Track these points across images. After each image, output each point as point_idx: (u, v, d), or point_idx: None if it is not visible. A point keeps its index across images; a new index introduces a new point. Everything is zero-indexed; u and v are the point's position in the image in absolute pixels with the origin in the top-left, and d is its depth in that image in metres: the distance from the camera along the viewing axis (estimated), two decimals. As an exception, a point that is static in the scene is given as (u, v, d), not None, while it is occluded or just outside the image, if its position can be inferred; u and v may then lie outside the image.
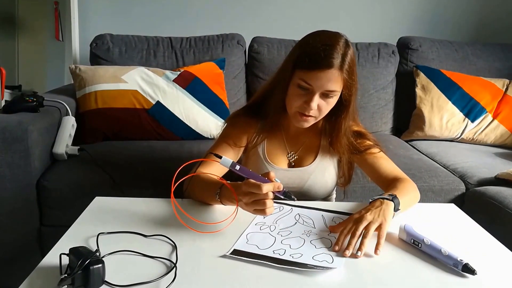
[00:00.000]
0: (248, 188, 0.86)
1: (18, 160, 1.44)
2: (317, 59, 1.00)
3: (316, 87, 1.02)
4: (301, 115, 1.07)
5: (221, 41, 2.17)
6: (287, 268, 0.78)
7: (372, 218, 0.91)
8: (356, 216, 0.93)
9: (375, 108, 2.20)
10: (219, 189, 0.96)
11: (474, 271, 0.79)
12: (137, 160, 1.62)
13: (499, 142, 2.09)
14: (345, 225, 0.92)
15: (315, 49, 1.01)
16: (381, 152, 1.18)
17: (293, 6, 2.54)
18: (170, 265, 0.78)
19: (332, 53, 1.00)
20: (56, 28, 2.55)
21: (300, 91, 1.04)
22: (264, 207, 0.86)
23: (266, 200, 0.86)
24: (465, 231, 1.01)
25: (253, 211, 0.89)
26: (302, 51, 1.04)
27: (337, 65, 1.01)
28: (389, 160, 1.19)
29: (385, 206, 0.95)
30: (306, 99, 1.04)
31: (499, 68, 2.28)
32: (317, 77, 1.01)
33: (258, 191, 0.85)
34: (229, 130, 1.20)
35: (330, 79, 1.01)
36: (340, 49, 1.01)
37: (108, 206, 1.03)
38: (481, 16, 2.63)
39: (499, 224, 1.42)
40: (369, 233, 0.88)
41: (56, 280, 0.70)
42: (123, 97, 1.84)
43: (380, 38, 2.32)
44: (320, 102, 1.04)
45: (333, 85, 1.02)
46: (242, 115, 1.21)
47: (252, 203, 0.87)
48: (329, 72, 1.00)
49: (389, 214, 0.93)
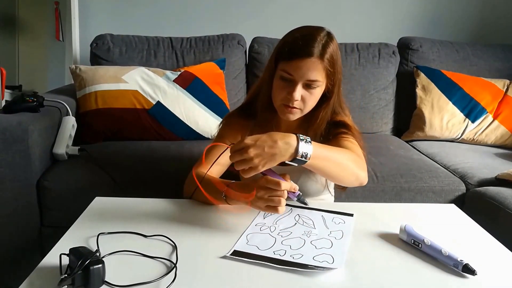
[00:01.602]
0: (266, 183, 0.88)
1: (18, 160, 1.44)
2: (297, 48, 1.01)
3: (297, 77, 1.02)
4: (286, 107, 1.06)
5: (221, 41, 2.17)
6: (288, 269, 0.78)
7: (252, 155, 0.84)
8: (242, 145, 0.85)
9: (375, 109, 2.20)
10: (226, 188, 0.97)
11: (474, 272, 0.79)
12: (138, 160, 1.62)
13: (500, 142, 2.09)
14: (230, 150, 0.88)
15: (295, 39, 1.03)
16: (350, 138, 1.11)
17: (294, 6, 2.54)
18: (170, 265, 0.78)
19: (312, 42, 1.01)
20: (56, 28, 2.55)
21: (283, 83, 1.04)
22: (278, 204, 0.88)
23: (281, 197, 0.88)
24: (466, 231, 1.01)
25: (266, 207, 0.90)
26: (283, 42, 1.06)
27: (317, 53, 1.01)
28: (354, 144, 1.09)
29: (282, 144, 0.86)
30: (289, 90, 1.03)
31: (500, 69, 2.28)
32: (297, 66, 1.01)
33: (277, 187, 0.87)
34: (225, 130, 1.21)
35: (310, 67, 1.01)
36: (320, 40, 1.02)
37: (108, 206, 1.03)
38: (481, 17, 2.62)
39: (499, 225, 1.41)
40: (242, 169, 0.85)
41: (56, 280, 0.70)
42: (124, 97, 1.84)
43: (380, 39, 2.33)
44: (303, 93, 1.04)
45: (314, 74, 1.02)
46: (236, 116, 1.22)
47: (267, 198, 0.89)
48: (309, 61, 1.00)
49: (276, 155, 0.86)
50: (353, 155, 1.02)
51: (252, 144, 0.85)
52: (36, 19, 2.71)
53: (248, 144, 0.85)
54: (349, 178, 1.02)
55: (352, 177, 1.02)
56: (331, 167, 0.96)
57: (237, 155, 0.86)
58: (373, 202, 1.57)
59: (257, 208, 0.93)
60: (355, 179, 1.03)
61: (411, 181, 1.61)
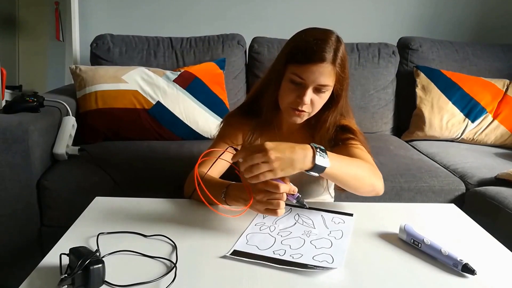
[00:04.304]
0: (265, 187, 0.88)
1: (18, 160, 1.44)
2: (310, 53, 1.00)
3: (309, 81, 1.02)
4: (294, 110, 1.06)
5: (221, 41, 2.17)
6: (288, 269, 0.78)
7: (274, 158, 0.84)
8: (263, 147, 0.85)
9: (375, 109, 2.20)
10: (225, 189, 0.97)
11: (474, 271, 0.79)
12: (138, 160, 1.62)
13: (499, 142, 2.09)
14: (246, 152, 0.87)
15: (307, 43, 1.02)
16: (359, 144, 1.13)
17: (294, 6, 2.55)
18: (170, 265, 0.78)
19: (325, 47, 1.00)
20: (56, 29, 2.55)
21: (292, 86, 1.04)
22: (277, 208, 0.88)
23: (280, 200, 0.88)
24: (465, 231, 1.01)
25: (265, 210, 0.90)
26: (294, 45, 1.05)
27: (330, 59, 1.01)
28: (364, 151, 1.11)
29: (301, 152, 0.88)
30: (299, 94, 1.03)
31: (500, 69, 2.28)
32: (310, 70, 1.01)
33: (275, 190, 0.87)
34: (226, 130, 1.21)
35: (323, 73, 1.01)
36: (332, 44, 1.02)
37: (108, 206, 1.03)
38: (481, 16, 2.63)
39: (499, 224, 1.42)
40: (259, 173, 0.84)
41: (56, 280, 0.70)
42: (124, 97, 1.84)
43: (380, 39, 2.33)
44: (313, 97, 1.04)
45: (325, 79, 1.02)
46: (237, 115, 1.22)
47: (266, 201, 0.88)
48: (322, 66, 1.00)
49: (292, 164, 0.86)
50: (368, 165, 1.03)
51: (273, 147, 0.85)
52: (36, 19, 2.70)
53: (270, 147, 0.85)
54: (366, 188, 1.03)
55: (369, 187, 1.03)
56: (348, 178, 0.97)
57: (257, 157, 0.85)
58: (373, 202, 1.56)
59: (256, 211, 0.92)
60: (372, 189, 1.03)
61: (411, 181, 1.61)
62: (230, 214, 0.96)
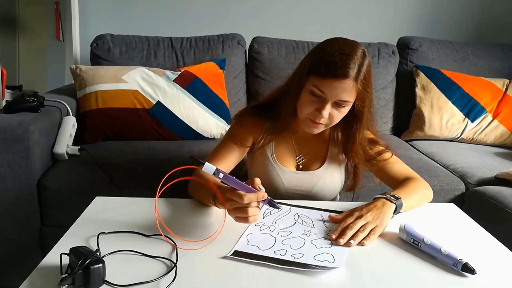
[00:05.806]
0: (230, 196, 0.85)
1: (19, 160, 1.44)
2: (333, 68, 0.98)
3: (329, 96, 1.01)
4: (312, 121, 1.06)
5: (221, 41, 2.17)
6: (289, 269, 0.78)
7: (371, 219, 0.93)
8: (357, 214, 0.95)
9: (375, 108, 2.19)
10: (214, 193, 0.95)
11: (473, 271, 0.79)
12: (138, 160, 1.62)
13: (499, 142, 2.09)
14: (345, 219, 0.95)
15: (332, 56, 0.99)
16: (393, 156, 1.19)
17: (294, 6, 2.55)
18: (170, 265, 0.78)
19: (349, 63, 0.98)
20: (56, 28, 2.55)
21: (312, 98, 1.03)
22: (246, 215, 0.85)
23: (248, 208, 0.84)
24: (465, 230, 1.01)
25: (235, 218, 0.87)
26: (318, 57, 1.02)
27: (353, 75, 0.99)
28: (400, 162, 1.20)
29: (386, 208, 0.97)
30: (318, 107, 1.03)
31: (499, 68, 2.28)
32: (331, 86, 0.99)
33: (239, 200, 0.83)
34: (236, 129, 1.19)
35: (345, 89, 1.00)
36: (357, 60, 0.99)
37: (108, 206, 1.03)
38: (481, 16, 2.63)
39: (499, 224, 1.42)
40: (365, 232, 0.91)
41: (57, 279, 0.70)
42: (124, 97, 1.84)
43: (380, 38, 2.33)
44: (331, 111, 1.03)
45: (346, 95, 1.01)
46: (249, 114, 1.20)
47: (234, 210, 0.86)
48: (344, 82, 0.99)
49: (387, 218, 0.96)
50: (420, 183, 1.12)
51: (365, 212, 0.95)
52: (36, 19, 2.71)
53: (363, 212, 0.95)
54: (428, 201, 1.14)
55: (429, 199, 1.15)
56: (416, 205, 1.09)
57: (359, 221, 0.93)
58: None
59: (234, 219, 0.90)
60: (430, 199, 1.15)
61: (411, 181, 1.61)
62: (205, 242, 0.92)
